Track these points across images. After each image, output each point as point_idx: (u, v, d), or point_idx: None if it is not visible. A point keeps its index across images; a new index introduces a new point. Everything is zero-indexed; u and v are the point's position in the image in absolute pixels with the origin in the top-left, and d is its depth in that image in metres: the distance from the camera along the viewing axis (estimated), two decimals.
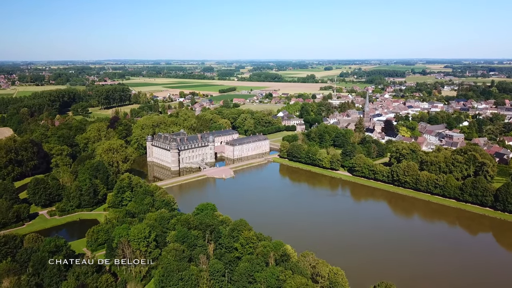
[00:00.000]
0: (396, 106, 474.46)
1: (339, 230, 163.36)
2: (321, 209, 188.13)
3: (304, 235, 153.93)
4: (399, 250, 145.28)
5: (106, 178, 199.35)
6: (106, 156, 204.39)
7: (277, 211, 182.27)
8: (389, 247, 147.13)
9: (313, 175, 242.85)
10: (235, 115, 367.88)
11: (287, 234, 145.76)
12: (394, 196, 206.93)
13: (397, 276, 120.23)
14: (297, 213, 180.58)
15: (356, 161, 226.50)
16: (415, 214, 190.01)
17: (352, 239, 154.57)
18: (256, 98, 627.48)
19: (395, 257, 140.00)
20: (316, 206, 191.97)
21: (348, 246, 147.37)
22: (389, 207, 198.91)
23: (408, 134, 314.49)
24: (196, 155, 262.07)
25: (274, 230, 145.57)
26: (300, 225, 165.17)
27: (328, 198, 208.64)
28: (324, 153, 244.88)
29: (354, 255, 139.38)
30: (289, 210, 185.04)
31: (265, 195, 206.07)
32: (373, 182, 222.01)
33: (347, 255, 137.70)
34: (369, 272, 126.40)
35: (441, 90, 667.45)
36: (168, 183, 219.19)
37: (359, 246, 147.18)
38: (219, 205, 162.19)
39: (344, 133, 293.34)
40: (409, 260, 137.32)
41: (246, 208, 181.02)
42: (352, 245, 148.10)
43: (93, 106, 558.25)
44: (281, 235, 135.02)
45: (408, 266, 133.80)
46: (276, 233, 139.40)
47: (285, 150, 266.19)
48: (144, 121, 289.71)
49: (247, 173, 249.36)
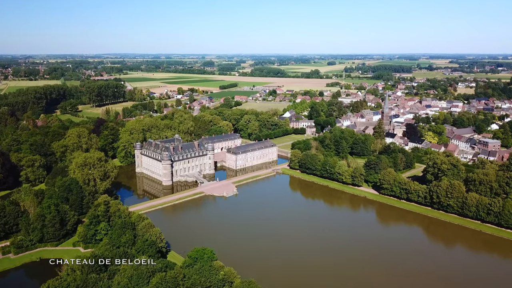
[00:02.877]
0: (413, 106, 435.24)
1: (370, 273, 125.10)
2: (346, 240, 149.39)
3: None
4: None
5: (80, 201, 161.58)
6: (80, 172, 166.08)
7: (295, 254, 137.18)
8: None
9: (331, 192, 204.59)
10: (238, 117, 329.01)
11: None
12: (433, 221, 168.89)
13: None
14: (319, 252, 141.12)
15: (385, 177, 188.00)
16: (460, 246, 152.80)
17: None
18: (259, 95, 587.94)
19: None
20: (339, 237, 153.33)
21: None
22: (426, 235, 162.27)
23: (435, 140, 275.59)
24: (193, 166, 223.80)
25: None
26: (326, 275, 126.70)
27: (351, 223, 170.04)
28: (344, 165, 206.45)
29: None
30: (310, 247, 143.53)
31: (276, 223, 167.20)
32: (405, 203, 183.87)
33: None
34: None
35: (456, 88, 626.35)
36: (158, 204, 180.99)
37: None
38: (220, 246, 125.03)
39: (363, 139, 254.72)
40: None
41: (256, 251, 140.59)
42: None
43: (84, 103, 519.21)
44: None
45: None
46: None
47: (297, 160, 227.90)
48: (133, 124, 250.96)
49: (252, 188, 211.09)
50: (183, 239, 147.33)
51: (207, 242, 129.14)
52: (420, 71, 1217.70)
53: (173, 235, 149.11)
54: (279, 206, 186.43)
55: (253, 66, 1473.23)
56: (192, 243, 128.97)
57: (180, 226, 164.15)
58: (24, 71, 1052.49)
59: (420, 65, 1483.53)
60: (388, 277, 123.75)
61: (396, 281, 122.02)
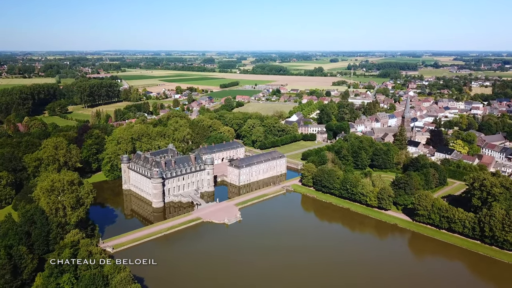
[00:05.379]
0: (429, 108, 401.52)
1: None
2: (374, 279, 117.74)
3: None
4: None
5: (45, 236, 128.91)
6: (46, 199, 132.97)
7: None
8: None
9: (353, 216, 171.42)
10: (240, 121, 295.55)
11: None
12: (483, 259, 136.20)
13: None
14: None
15: (420, 201, 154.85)
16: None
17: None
18: (262, 95, 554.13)
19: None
20: (365, 274, 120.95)
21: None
22: (473, 276, 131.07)
23: (465, 150, 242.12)
24: (188, 183, 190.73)
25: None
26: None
27: (379, 257, 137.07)
28: (368, 184, 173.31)
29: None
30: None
31: (289, 259, 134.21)
32: (446, 234, 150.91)
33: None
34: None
35: (471, 87, 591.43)
36: (145, 235, 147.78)
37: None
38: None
39: (385, 150, 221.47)
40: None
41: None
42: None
43: (76, 103, 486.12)
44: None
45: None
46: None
47: (310, 175, 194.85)
48: (120, 132, 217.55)
49: (258, 211, 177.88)
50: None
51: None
52: (426, 69, 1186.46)
53: (162, 283, 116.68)
54: (292, 235, 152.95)
55: (254, 63, 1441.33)
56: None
57: (172, 268, 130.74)
58: (18, 68, 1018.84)
59: (425, 62, 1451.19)
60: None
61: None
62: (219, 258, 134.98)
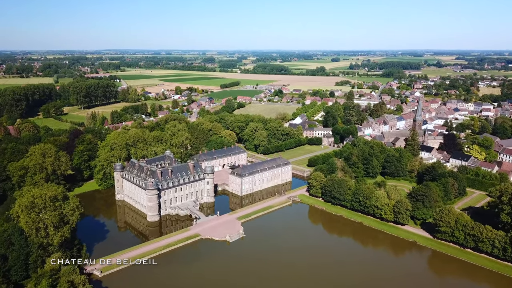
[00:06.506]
0: (439, 109, 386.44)
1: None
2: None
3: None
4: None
5: (24, 259, 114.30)
6: (26, 217, 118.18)
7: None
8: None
9: (366, 231, 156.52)
10: (242, 124, 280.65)
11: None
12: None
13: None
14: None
15: (443, 217, 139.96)
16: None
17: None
18: (264, 96, 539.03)
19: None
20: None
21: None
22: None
23: (482, 156, 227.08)
24: (186, 194, 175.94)
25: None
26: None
27: (398, 282, 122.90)
28: (383, 196, 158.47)
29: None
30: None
31: (298, 283, 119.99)
32: (472, 253, 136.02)
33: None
34: None
35: (479, 87, 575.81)
36: (138, 255, 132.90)
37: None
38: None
39: (398, 157, 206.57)
40: None
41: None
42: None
43: (72, 105, 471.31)
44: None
45: None
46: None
47: (319, 185, 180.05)
48: (114, 138, 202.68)
49: (263, 225, 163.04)
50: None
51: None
52: (429, 68, 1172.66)
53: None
54: (300, 254, 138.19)
55: (255, 62, 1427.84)
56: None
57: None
58: (16, 68, 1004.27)
59: (427, 61, 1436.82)
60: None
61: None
62: (219, 283, 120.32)
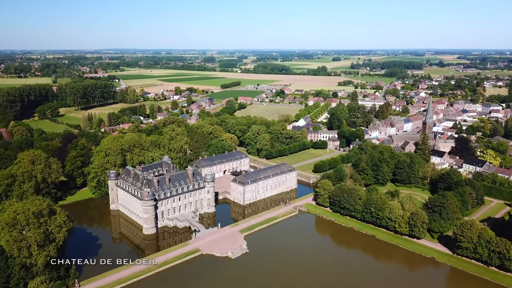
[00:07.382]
0: (446, 110, 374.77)
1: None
2: None
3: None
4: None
5: (4, 283, 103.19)
6: (6, 236, 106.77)
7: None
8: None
9: (379, 245, 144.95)
10: (244, 127, 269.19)
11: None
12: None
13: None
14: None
15: (464, 231, 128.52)
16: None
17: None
18: (265, 96, 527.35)
19: None
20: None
21: None
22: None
23: (497, 162, 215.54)
24: (185, 204, 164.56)
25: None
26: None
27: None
28: (397, 207, 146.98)
29: None
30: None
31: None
32: (496, 272, 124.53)
33: None
34: None
35: (485, 87, 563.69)
36: (133, 274, 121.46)
37: None
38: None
39: (409, 162, 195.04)
40: None
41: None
42: None
43: (69, 106, 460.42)
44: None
45: None
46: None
47: (326, 193, 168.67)
48: (109, 143, 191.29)
49: (267, 238, 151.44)
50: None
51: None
52: (431, 68, 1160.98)
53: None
54: (309, 272, 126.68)
55: (256, 62, 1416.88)
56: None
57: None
58: (15, 67, 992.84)
59: (429, 61, 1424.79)
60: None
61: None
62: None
